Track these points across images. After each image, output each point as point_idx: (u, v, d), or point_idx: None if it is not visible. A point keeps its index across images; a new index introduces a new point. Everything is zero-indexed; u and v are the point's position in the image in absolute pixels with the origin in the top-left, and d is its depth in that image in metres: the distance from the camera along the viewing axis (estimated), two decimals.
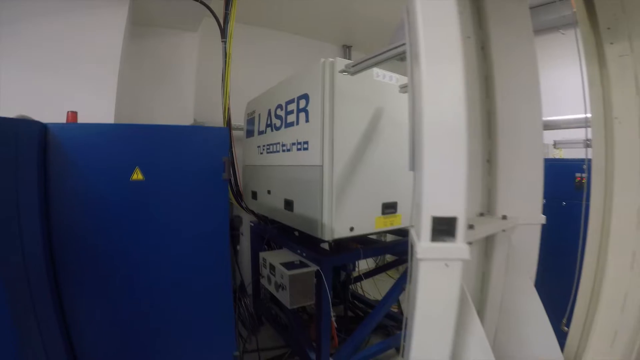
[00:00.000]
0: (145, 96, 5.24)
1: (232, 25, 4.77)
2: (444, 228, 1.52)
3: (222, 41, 4.76)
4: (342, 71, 3.26)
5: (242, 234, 5.49)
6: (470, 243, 1.67)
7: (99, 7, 4.28)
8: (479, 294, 2.51)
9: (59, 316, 2.24)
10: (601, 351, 2.38)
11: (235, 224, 5.17)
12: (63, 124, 2.31)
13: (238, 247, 5.10)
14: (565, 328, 2.61)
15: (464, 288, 1.68)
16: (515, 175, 2.44)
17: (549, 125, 4.65)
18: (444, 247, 1.52)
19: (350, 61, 3.36)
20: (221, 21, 4.83)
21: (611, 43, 2.33)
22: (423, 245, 1.53)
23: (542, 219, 2.43)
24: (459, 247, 1.50)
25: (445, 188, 1.54)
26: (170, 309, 2.53)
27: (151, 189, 2.36)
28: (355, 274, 5.63)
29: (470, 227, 1.88)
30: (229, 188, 4.68)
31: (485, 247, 2.45)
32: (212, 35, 5.14)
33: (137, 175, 2.24)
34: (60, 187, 2.22)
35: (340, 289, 5.16)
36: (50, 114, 2.73)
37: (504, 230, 2.32)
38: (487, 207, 2.46)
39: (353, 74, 3.26)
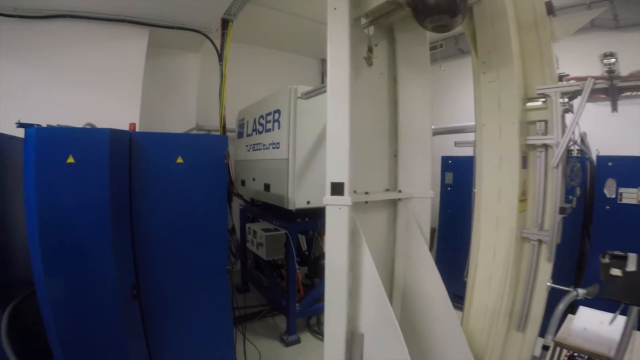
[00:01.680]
0: (157, 105, 6.10)
1: (227, 51, 5.82)
2: (337, 189, 2.60)
3: (219, 64, 5.81)
4: (299, 97, 4.45)
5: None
6: (366, 202, 2.80)
7: (126, 36, 5.25)
8: (391, 246, 3.58)
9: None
10: (483, 290, 3.42)
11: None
12: (139, 132, 3.26)
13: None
14: (465, 279, 3.65)
15: (356, 222, 2.74)
16: (412, 164, 3.48)
17: (453, 130, 5.76)
18: (337, 199, 2.61)
19: (307, 88, 4.52)
20: (218, 47, 5.88)
21: (484, 73, 3.35)
22: (327, 197, 2.63)
23: (431, 194, 3.46)
24: (345, 199, 2.58)
25: (337, 167, 2.63)
26: (196, 250, 3.43)
27: (186, 168, 3.26)
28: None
29: (365, 194, 2.99)
30: None
31: (394, 213, 3.55)
32: (211, 55, 6.07)
33: (179, 160, 3.17)
34: (138, 174, 3.12)
35: (307, 254, 6.12)
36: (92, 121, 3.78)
37: (400, 200, 3.42)
38: (393, 185, 3.54)
39: (306, 99, 4.44)
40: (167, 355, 3.35)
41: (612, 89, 3.00)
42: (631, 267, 2.25)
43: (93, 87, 5.01)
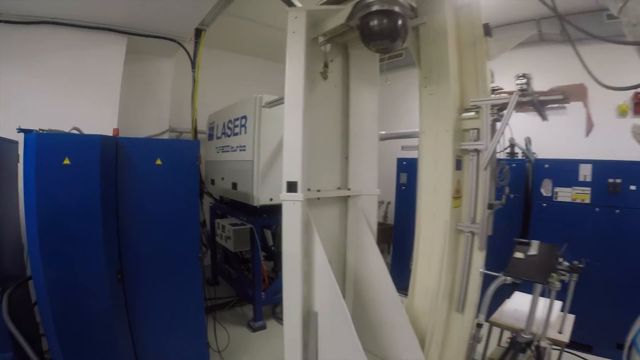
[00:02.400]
0: (132, 108, 6.23)
1: (200, 59, 6.09)
2: (292, 187, 2.95)
3: (192, 70, 6.08)
4: (263, 106, 4.78)
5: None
6: (318, 198, 3.14)
7: (106, 43, 5.44)
8: (343, 237, 3.96)
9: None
10: (424, 276, 3.80)
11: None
12: (124, 137, 3.57)
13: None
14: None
15: (309, 216, 3.10)
16: (360, 165, 3.89)
17: (402, 135, 6.19)
18: (292, 195, 2.96)
19: (271, 97, 4.89)
20: (191, 55, 6.15)
21: (425, 86, 3.75)
22: (283, 194, 2.98)
23: (377, 192, 3.89)
24: (298, 195, 2.94)
25: (292, 168, 2.99)
26: (171, 240, 3.77)
27: (164, 169, 3.61)
28: None
29: (318, 191, 3.35)
30: None
31: (345, 208, 3.92)
32: (185, 60, 6.32)
33: (159, 162, 3.50)
34: (123, 173, 3.47)
35: (273, 250, 6.47)
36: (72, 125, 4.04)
37: (350, 197, 3.79)
38: (345, 184, 3.91)
39: (269, 108, 4.79)
40: (146, 331, 3.69)
41: (535, 102, 3.42)
42: (532, 251, 2.65)
43: (74, 92, 5.18)
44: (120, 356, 3.49)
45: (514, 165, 5.51)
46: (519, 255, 2.72)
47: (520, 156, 6.08)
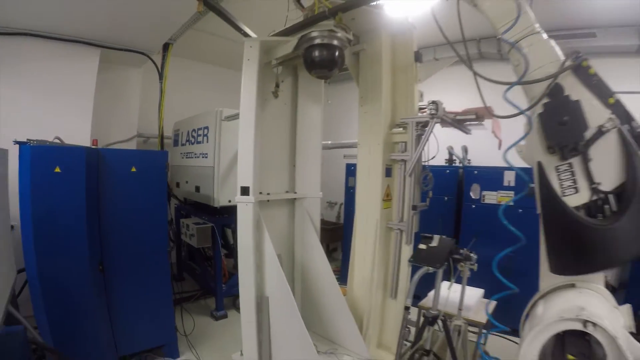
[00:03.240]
0: (102, 115, 6.46)
1: (167, 70, 6.54)
2: (245, 190, 3.49)
3: (159, 81, 6.52)
4: (223, 120, 5.31)
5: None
6: (268, 200, 3.70)
7: (80, 55, 5.76)
8: (291, 236, 4.53)
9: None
10: (360, 267, 4.37)
11: None
12: (105, 148, 4.22)
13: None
14: None
15: (260, 215, 3.66)
16: (306, 172, 4.48)
17: (345, 145, 6.87)
18: (245, 198, 3.51)
19: (231, 111, 5.40)
20: (159, 66, 6.58)
21: (362, 105, 4.37)
22: (238, 197, 3.53)
23: (320, 194, 4.49)
24: (250, 198, 3.49)
25: (245, 175, 3.53)
26: (144, 236, 4.32)
27: (138, 175, 4.16)
28: None
29: (268, 194, 3.90)
30: None
31: (293, 209, 4.49)
32: (153, 69, 6.79)
33: (133, 169, 4.03)
34: (104, 179, 4.00)
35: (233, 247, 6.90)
36: (51, 135, 4.46)
37: (296, 199, 4.36)
38: (292, 188, 4.48)
39: (228, 121, 5.31)
40: (123, 315, 4.22)
41: (451, 122, 4.03)
42: (434, 243, 3.26)
43: (50, 101, 5.50)
44: (100, 336, 4.02)
45: (447, 171, 6.22)
46: (422, 246, 3.31)
47: (457, 163, 6.78)
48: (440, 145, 4.46)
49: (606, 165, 2.15)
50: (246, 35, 4.05)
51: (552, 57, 2.36)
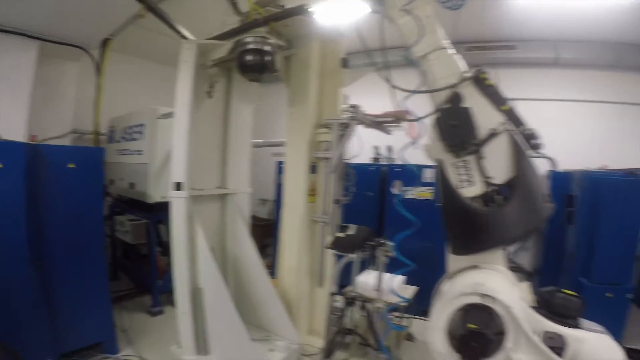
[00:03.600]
0: (37, 110, 6.28)
1: (104, 66, 6.58)
2: (178, 186, 3.72)
3: (96, 76, 6.55)
4: (158, 118, 5.47)
5: None
6: (201, 196, 3.93)
7: (17, 47, 5.66)
8: (223, 229, 4.80)
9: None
10: (288, 257, 4.73)
11: None
12: (44, 144, 4.28)
13: None
14: None
15: (192, 209, 3.89)
16: (236, 169, 4.76)
17: (275, 144, 7.28)
18: (178, 193, 3.74)
19: (167, 109, 5.47)
20: (97, 61, 6.60)
21: (291, 107, 4.70)
22: (172, 192, 3.75)
23: (249, 190, 4.80)
24: (183, 193, 3.73)
25: (178, 171, 3.76)
26: (82, 231, 4.33)
27: (76, 170, 4.16)
28: None
29: (200, 190, 4.14)
30: None
31: (224, 204, 4.75)
32: (89, 63, 6.79)
33: (71, 165, 4.06)
34: (42, 175, 3.98)
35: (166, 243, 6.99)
36: None
37: (226, 195, 4.62)
38: (224, 184, 4.73)
39: (164, 119, 5.47)
40: (61, 311, 4.19)
41: (371, 123, 4.44)
42: (351, 232, 3.63)
43: None
44: (40, 333, 4.00)
45: (372, 169, 6.65)
46: (340, 234, 3.68)
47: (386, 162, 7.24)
48: (368, 145, 4.82)
49: (498, 162, 2.57)
50: (184, 37, 4.24)
51: (455, 70, 2.73)
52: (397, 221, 6.06)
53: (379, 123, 4.47)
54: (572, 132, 7.29)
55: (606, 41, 6.77)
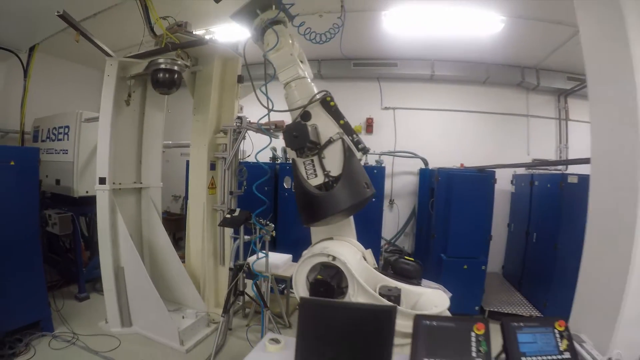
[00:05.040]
0: None
1: (31, 69, 7.33)
2: (102, 180, 4.80)
3: (23, 79, 7.28)
4: (83, 121, 6.36)
5: None
6: (120, 189, 5.02)
7: None
8: (139, 218, 5.85)
9: None
10: (194, 240, 5.76)
11: None
12: None
13: None
14: None
15: (114, 200, 4.94)
16: (149, 166, 5.87)
17: (183, 145, 8.00)
18: (102, 186, 4.88)
19: (91, 114, 6.34)
20: (24, 64, 7.32)
21: (195, 114, 5.78)
22: (97, 185, 4.88)
23: (160, 184, 5.92)
24: (105, 187, 4.86)
25: (102, 168, 4.86)
26: (19, 223, 4.82)
27: (16, 168, 4.66)
28: None
29: (120, 184, 5.19)
30: None
31: (140, 197, 5.80)
32: (17, 66, 7.36)
33: (12, 162, 4.62)
34: None
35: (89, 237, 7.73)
36: None
37: (141, 189, 5.66)
38: (139, 179, 5.78)
39: (88, 122, 6.38)
40: (3, 290, 4.62)
41: (257, 129, 5.56)
42: (236, 214, 4.71)
43: None
44: None
45: (266, 167, 7.67)
46: (227, 215, 4.74)
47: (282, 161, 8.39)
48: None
49: (334, 160, 3.51)
50: (108, 55, 5.14)
51: (309, 93, 3.62)
52: (289, 210, 7.30)
53: (264, 130, 5.42)
54: (443, 136, 8.82)
55: (477, 61, 8.27)
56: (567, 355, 2.20)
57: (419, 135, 8.88)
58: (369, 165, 7.91)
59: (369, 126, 9.00)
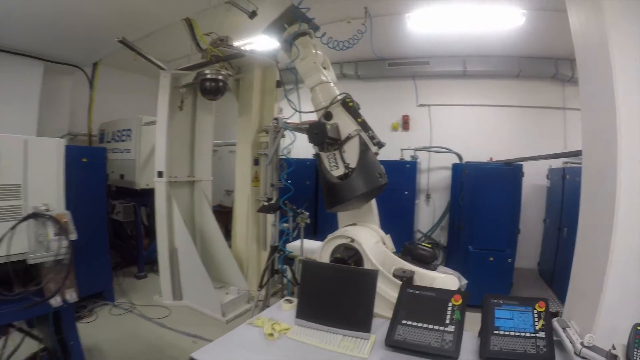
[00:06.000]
0: (41, 116, 7.72)
1: (96, 81, 8.48)
2: (160, 174, 5.80)
3: (89, 89, 8.45)
4: (142, 125, 7.40)
5: None
6: (176, 182, 5.98)
7: (27, 66, 7.19)
8: (191, 207, 6.84)
9: None
10: (239, 227, 6.70)
11: None
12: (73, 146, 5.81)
13: None
14: None
15: (170, 191, 5.93)
16: (201, 162, 6.86)
17: (231, 144, 8.85)
18: (160, 179, 5.93)
19: (150, 118, 7.34)
20: (89, 76, 8.50)
21: (239, 116, 6.71)
22: (155, 178, 5.92)
23: (211, 178, 6.87)
24: (163, 179, 5.92)
25: (160, 163, 5.90)
26: (92, 210, 6.12)
27: (88, 163, 5.70)
28: None
29: (175, 177, 6.16)
30: None
31: (193, 188, 6.77)
32: (83, 78, 8.52)
33: (84, 159, 5.71)
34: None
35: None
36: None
37: (194, 182, 6.63)
38: (192, 174, 6.75)
39: (147, 126, 7.40)
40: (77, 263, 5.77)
41: (295, 129, 6.37)
42: (273, 202, 5.54)
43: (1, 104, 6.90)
44: None
45: (308, 163, 8.49)
46: (265, 203, 5.58)
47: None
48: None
49: (352, 154, 3.97)
50: (162, 68, 6.22)
51: (331, 96, 4.09)
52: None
53: (300, 129, 5.99)
54: (477, 131, 9.04)
55: (507, 55, 8.41)
56: (541, 334, 2.29)
57: (454, 131, 9.18)
58: (402, 160, 8.54)
59: (405, 123, 9.51)
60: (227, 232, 7.95)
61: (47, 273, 3.08)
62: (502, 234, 6.63)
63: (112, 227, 8.26)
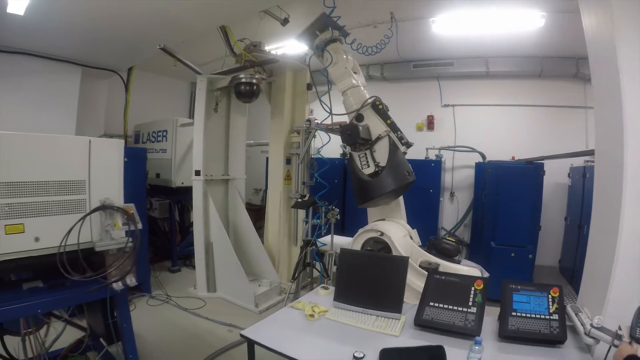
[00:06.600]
0: (79, 118, 8.07)
1: (131, 84, 8.96)
2: (197, 173, 6.24)
3: (125, 92, 8.96)
4: (178, 126, 7.85)
5: None
6: (212, 180, 6.43)
7: (66, 71, 7.60)
8: (226, 204, 7.25)
9: None
10: (272, 222, 7.08)
11: None
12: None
13: None
14: None
15: (207, 189, 6.36)
16: (235, 161, 7.28)
17: (263, 144, 9.21)
18: (197, 177, 6.34)
19: (185, 120, 7.90)
20: (124, 80, 8.98)
21: (272, 118, 7.11)
22: (193, 177, 6.35)
23: (244, 176, 7.30)
24: (200, 178, 6.33)
25: (197, 162, 6.32)
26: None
27: (130, 163, 4.86)
28: None
29: (211, 176, 6.60)
30: None
31: (227, 186, 7.21)
32: (118, 81, 8.92)
33: (125, 159, 5.98)
34: None
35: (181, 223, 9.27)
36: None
37: (228, 180, 7.08)
38: (226, 172, 7.18)
39: (182, 127, 7.85)
40: None
41: (326, 130, 6.78)
42: (306, 199, 5.97)
43: (41, 106, 7.29)
44: None
45: (337, 162, 8.85)
46: (299, 199, 5.98)
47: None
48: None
49: (382, 154, 4.28)
50: (198, 73, 6.62)
51: (362, 99, 4.44)
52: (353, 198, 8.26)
53: (333, 130, 6.35)
54: (501, 131, 9.18)
55: (529, 55, 8.52)
56: (555, 317, 2.56)
57: (477, 131, 9.32)
58: (427, 159, 8.78)
59: (430, 123, 9.75)
60: (256, 229, 8.20)
61: (112, 260, 3.41)
62: (523, 231, 6.78)
63: (147, 223, 8.48)
